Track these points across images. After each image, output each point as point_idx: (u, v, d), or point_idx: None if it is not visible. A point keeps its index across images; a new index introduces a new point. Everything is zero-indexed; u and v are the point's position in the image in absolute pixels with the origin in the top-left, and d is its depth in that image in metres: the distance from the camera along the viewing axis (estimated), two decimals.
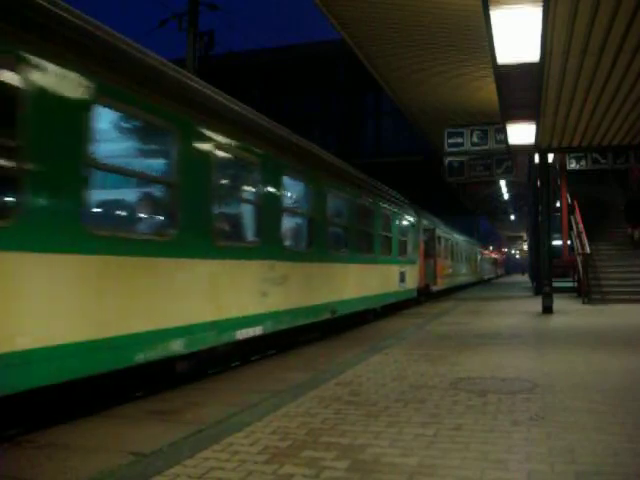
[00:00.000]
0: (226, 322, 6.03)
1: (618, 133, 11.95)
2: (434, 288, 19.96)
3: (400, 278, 14.49)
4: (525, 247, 61.28)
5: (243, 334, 6.35)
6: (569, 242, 20.25)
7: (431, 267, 19.53)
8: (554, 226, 18.08)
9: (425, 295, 18.60)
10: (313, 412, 4.20)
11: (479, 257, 40.45)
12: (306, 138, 10.03)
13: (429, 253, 19.29)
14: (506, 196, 30.93)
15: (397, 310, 15.03)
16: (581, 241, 16.84)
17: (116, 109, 4.88)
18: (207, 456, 3.27)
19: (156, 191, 5.76)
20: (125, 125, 5.46)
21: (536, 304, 13.61)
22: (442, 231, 22.67)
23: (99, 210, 5.45)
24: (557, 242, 21.58)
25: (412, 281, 15.95)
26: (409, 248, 15.78)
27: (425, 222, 18.95)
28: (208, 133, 5.89)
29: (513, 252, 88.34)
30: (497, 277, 59.97)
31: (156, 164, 5.85)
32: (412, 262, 15.99)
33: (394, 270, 13.99)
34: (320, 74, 27.44)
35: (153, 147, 6.04)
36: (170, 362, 5.48)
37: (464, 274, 30.81)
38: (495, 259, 61.90)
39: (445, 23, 10.20)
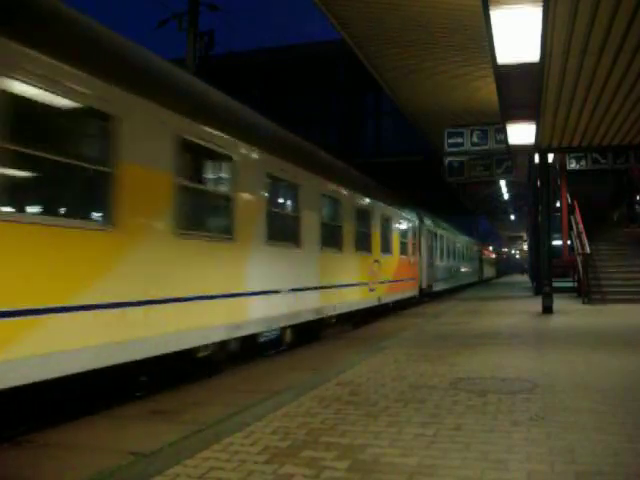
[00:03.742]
0: None
1: (618, 133, 11.95)
2: None
3: None
4: (525, 247, 61.19)
5: None
6: (569, 242, 20.25)
7: None
8: (554, 226, 18.07)
9: None
10: (313, 412, 4.20)
11: (432, 246, 20.44)
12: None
13: None
14: (506, 196, 30.92)
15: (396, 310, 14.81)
16: (581, 241, 16.83)
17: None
18: (207, 456, 3.27)
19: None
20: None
21: (536, 304, 13.60)
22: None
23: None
24: (557, 242, 21.57)
25: None
26: None
27: None
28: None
29: (511, 251, 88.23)
30: (480, 281, 40.89)
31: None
32: None
33: None
34: (320, 74, 27.42)
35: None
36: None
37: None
38: (482, 256, 43.50)
39: (445, 23, 10.20)
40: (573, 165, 18.69)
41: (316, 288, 9.34)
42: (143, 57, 5.76)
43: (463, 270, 31.15)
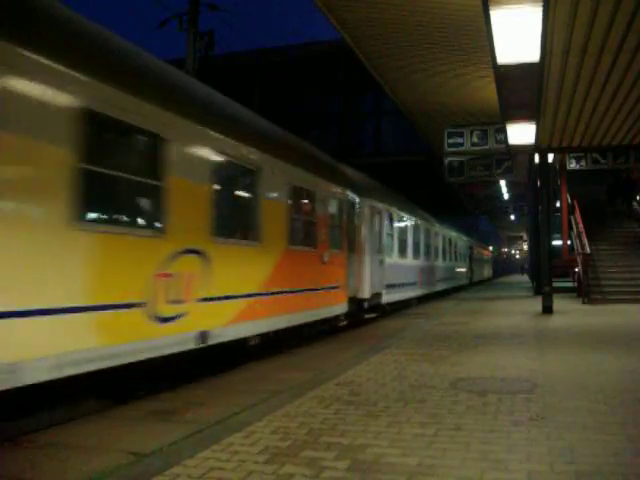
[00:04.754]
0: None
1: (618, 133, 11.95)
2: None
3: None
4: (525, 247, 61.14)
5: None
6: (569, 242, 20.26)
7: None
8: (554, 226, 18.07)
9: None
10: (313, 412, 4.20)
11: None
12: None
13: None
14: (506, 196, 30.91)
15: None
16: (581, 241, 16.84)
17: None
18: (207, 456, 3.27)
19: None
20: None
21: (536, 304, 13.60)
22: None
23: None
24: (557, 242, 21.56)
25: None
26: None
27: None
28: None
29: (510, 250, 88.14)
30: (470, 284, 33.36)
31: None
32: None
33: None
34: (320, 74, 27.42)
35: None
36: None
37: None
38: (474, 253, 35.79)
39: (445, 23, 10.20)
40: (573, 165, 18.66)
41: None
42: None
43: (444, 270, 23.29)
